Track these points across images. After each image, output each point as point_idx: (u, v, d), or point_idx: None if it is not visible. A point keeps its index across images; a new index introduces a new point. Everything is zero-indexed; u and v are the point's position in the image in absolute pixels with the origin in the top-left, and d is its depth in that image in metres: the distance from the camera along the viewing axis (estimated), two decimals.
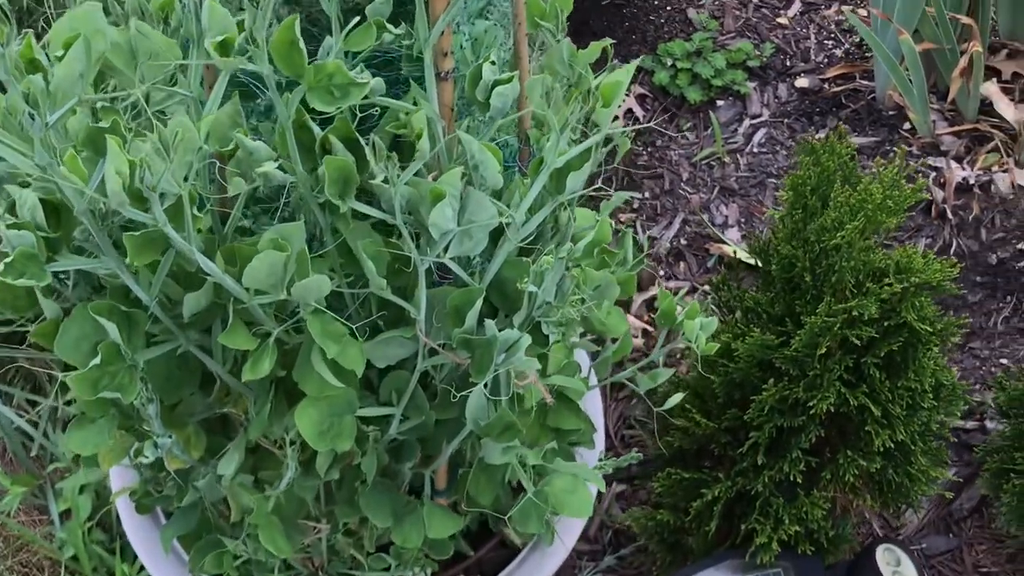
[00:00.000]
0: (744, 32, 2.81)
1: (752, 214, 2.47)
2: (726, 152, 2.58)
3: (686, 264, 2.42)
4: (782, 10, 2.87)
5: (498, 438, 1.16)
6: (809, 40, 2.80)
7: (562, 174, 1.02)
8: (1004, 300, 2.30)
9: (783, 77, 2.72)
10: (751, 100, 2.67)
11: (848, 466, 1.57)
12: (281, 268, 0.93)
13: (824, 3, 2.88)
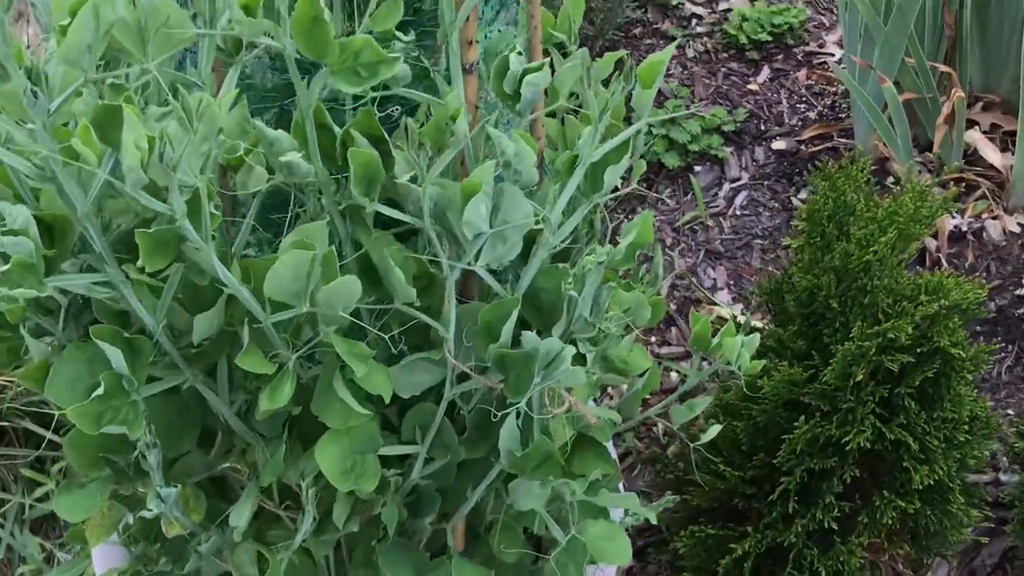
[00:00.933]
0: (716, 99, 2.79)
1: (741, 276, 2.41)
2: (709, 216, 2.53)
3: (677, 329, 2.34)
4: (751, 77, 2.86)
5: (533, 473, 1.06)
6: (781, 104, 2.78)
7: (598, 169, 0.95)
8: (1006, 349, 2.24)
9: (759, 140, 2.70)
10: (729, 164, 2.64)
11: (885, 508, 1.48)
12: (306, 272, 0.84)
13: (792, 68, 2.88)
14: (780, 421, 1.49)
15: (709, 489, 1.64)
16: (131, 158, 0.70)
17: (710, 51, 2.92)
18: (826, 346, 1.43)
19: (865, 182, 1.45)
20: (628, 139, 0.94)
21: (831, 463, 1.46)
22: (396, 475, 1.10)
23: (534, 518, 1.22)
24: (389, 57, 0.80)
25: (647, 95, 0.91)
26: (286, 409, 1.04)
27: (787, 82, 2.84)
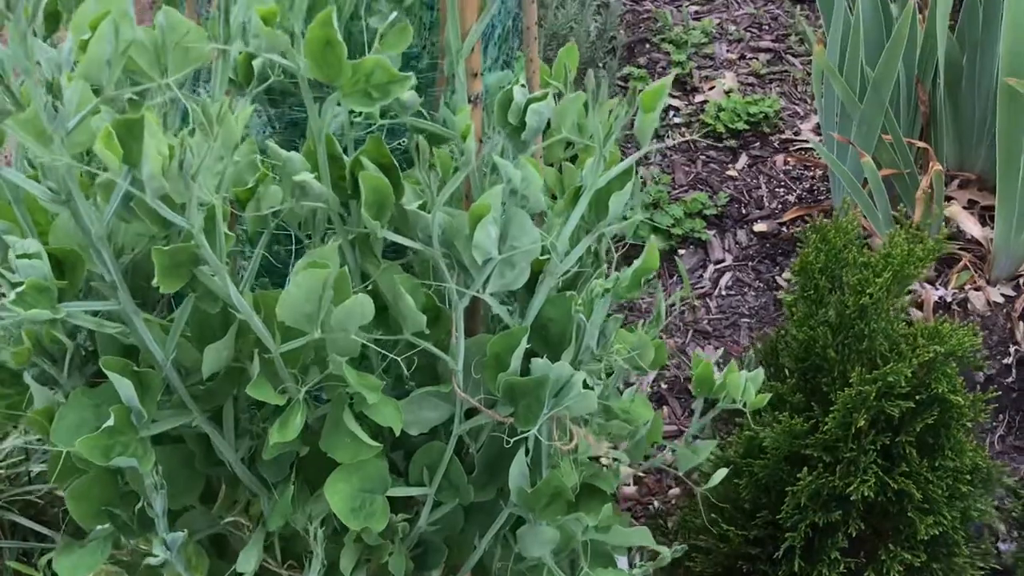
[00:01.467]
0: (696, 185, 2.83)
1: (730, 355, 2.42)
2: (695, 296, 2.55)
3: (670, 408, 2.34)
4: (730, 164, 2.91)
5: (544, 511, 1.05)
6: (761, 189, 2.83)
7: (603, 197, 0.96)
8: (997, 419, 2.24)
9: (741, 223, 2.73)
10: (712, 246, 2.67)
11: (892, 562, 1.46)
12: (319, 294, 0.84)
13: (769, 154, 2.93)
14: (782, 475, 1.48)
15: (713, 553, 1.62)
16: (153, 164, 0.70)
17: (689, 140, 2.97)
18: (825, 395, 1.43)
19: (856, 236, 1.47)
20: (631, 167, 0.95)
21: (835, 517, 1.45)
22: (404, 520, 1.09)
23: (541, 572, 1.21)
24: (401, 76, 0.82)
25: (650, 119, 0.93)
26: (292, 450, 1.03)
27: (765, 167, 2.89)
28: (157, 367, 0.92)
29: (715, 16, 3.46)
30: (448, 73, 0.91)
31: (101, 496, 1.09)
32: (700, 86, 3.16)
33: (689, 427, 1.24)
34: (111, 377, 0.89)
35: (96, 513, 1.09)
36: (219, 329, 0.94)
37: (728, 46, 3.33)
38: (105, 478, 1.09)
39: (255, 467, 1.06)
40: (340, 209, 0.90)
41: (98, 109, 0.75)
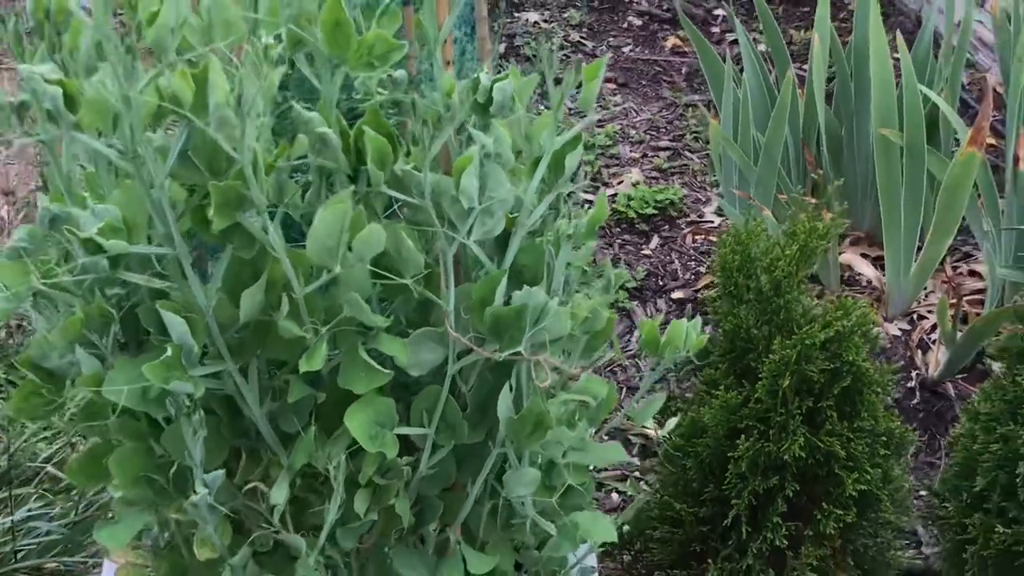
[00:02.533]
0: (616, 264, 3.08)
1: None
2: (625, 358, 2.76)
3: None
4: (644, 244, 3.17)
5: (529, 438, 1.23)
6: (674, 263, 3.08)
7: (559, 158, 1.17)
8: None
9: (659, 293, 2.97)
10: (636, 313, 2.89)
11: (827, 521, 1.65)
12: (339, 228, 1.03)
13: (678, 234, 3.20)
14: (724, 451, 1.67)
15: (669, 541, 1.79)
16: (219, 95, 0.90)
17: (604, 226, 3.23)
18: (754, 372, 1.64)
19: (764, 238, 1.71)
20: (580, 133, 1.17)
21: (773, 482, 1.64)
22: (407, 464, 1.25)
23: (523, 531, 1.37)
24: (398, 44, 1.03)
25: (592, 88, 1.15)
26: (310, 399, 1.20)
27: (676, 245, 3.15)
28: (200, 315, 1.09)
29: (616, 123, 3.77)
30: (426, 60, 1.13)
31: (139, 465, 1.24)
32: (609, 181, 3.44)
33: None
34: (166, 317, 1.06)
35: (135, 479, 1.24)
36: (251, 283, 1.12)
37: (631, 147, 3.63)
38: (142, 449, 1.24)
39: (275, 424, 1.22)
40: (347, 170, 1.10)
41: (161, 72, 0.94)
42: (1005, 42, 2.66)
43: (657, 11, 4.59)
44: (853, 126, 2.77)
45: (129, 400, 1.13)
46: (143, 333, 1.22)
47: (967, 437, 1.97)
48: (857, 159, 2.80)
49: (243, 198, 1.01)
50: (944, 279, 2.70)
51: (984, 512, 1.92)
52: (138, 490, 1.24)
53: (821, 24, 2.60)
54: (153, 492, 1.24)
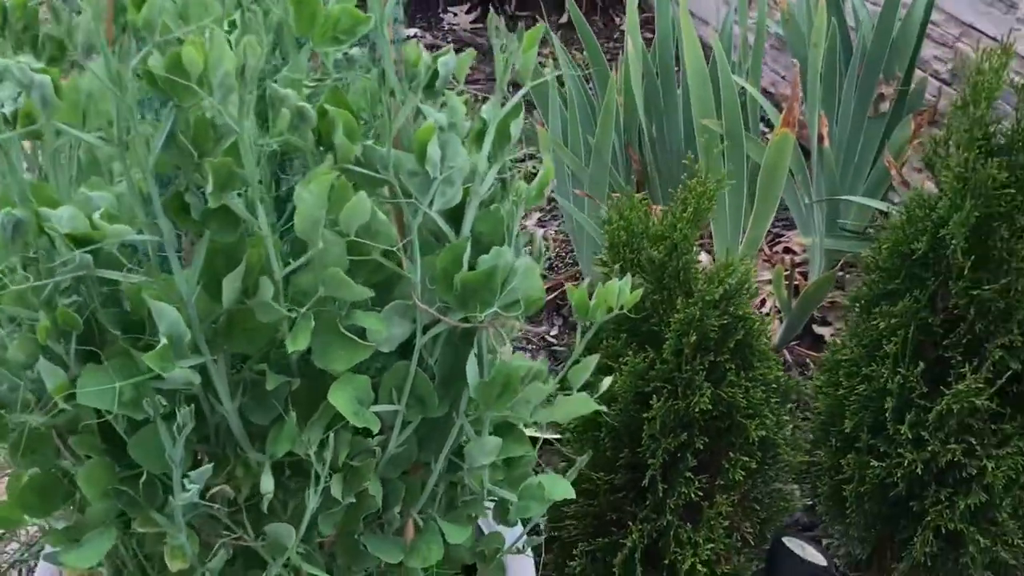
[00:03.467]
0: None
1: None
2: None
3: None
4: None
5: (497, 401, 1.27)
6: None
7: (504, 127, 1.23)
8: None
9: None
10: None
11: (734, 469, 1.76)
12: (325, 200, 1.05)
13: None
14: (634, 416, 1.75)
15: (583, 516, 1.85)
16: (228, 63, 0.91)
17: None
18: (655, 336, 1.73)
19: (644, 213, 1.81)
20: (521, 101, 1.23)
21: (683, 439, 1.73)
22: (379, 443, 1.27)
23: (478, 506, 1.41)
24: (364, 16, 1.06)
25: (530, 57, 1.21)
26: (284, 386, 1.20)
27: None
28: (182, 307, 1.09)
29: None
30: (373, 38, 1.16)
31: (106, 478, 1.21)
32: None
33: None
34: (155, 307, 1.05)
35: (104, 493, 1.21)
36: (225, 272, 1.12)
37: None
38: (106, 463, 1.21)
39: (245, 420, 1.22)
40: (313, 148, 1.12)
41: (151, 52, 0.95)
42: (794, 37, 2.89)
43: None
44: (663, 123, 2.94)
45: (104, 403, 1.11)
46: (98, 341, 1.19)
47: (829, 386, 2.13)
48: (670, 153, 2.97)
49: (232, 176, 1.02)
50: (764, 257, 2.89)
51: (856, 452, 2.08)
52: (107, 503, 1.21)
53: (633, 30, 2.76)
54: (123, 504, 1.22)
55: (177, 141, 0.99)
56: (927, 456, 1.97)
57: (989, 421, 1.97)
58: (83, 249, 1.02)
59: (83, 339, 1.16)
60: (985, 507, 1.99)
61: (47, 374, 1.13)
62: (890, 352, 1.99)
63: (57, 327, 1.13)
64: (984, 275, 1.90)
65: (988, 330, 1.93)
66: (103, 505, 1.20)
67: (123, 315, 1.18)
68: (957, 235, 1.86)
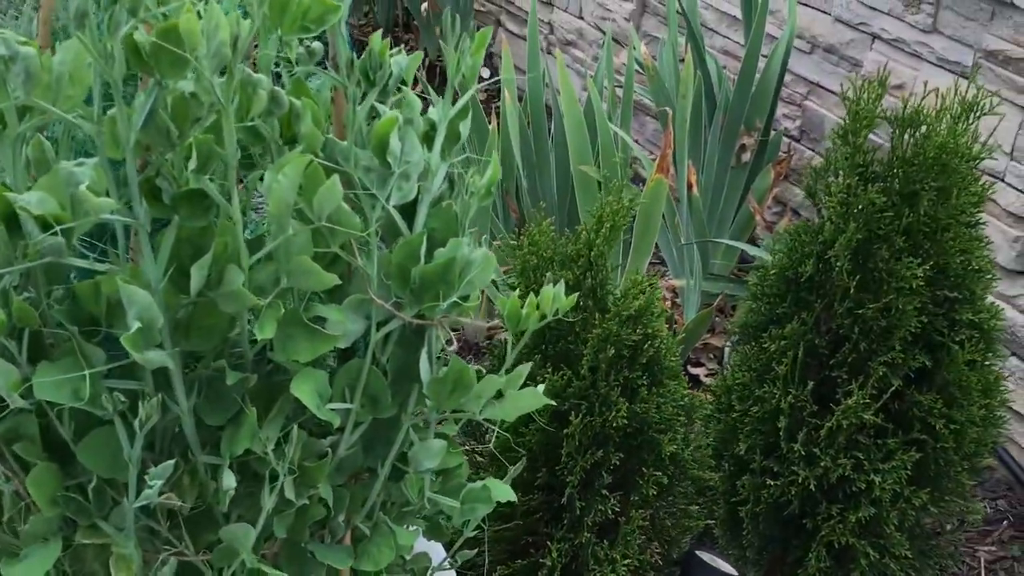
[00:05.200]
0: None
1: None
2: None
3: None
4: None
5: (449, 398, 1.28)
6: None
7: (454, 125, 1.26)
8: None
9: None
10: None
11: (647, 485, 1.80)
12: (298, 184, 1.06)
13: None
14: (551, 436, 1.78)
15: (499, 542, 1.86)
16: (223, 33, 0.92)
17: None
18: (570, 354, 1.77)
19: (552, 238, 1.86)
20: (468, 102, 1.27)
21: (599, 456, 1.77)
22: (331, 443, 1.27)
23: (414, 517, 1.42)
24: (334, 4, 1.08)
25: (477, 60, 1.25)
26: (240, 384, 1.19)
27: None
28: (151, 292, 1.07)
29: None
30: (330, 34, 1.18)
31: (54, 484, 1.17)
32: None
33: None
34: (126, 292, 1.03)
35: (53, 499, 1.16)
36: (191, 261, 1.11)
37: None
38: (52, 469, 1.17)
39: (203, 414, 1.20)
40: (278, 139, 1.13)
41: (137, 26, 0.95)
42: (659, 92, 3.02)
43: None
44: (535, 174, 3.02)
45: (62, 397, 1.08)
46: (45, 342, 1.16)
47: (722, 411, 2.20)
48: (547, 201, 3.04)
49: (210, 157, 1.02)
50: None
51: (750, 473, 2.15)
52: (56, 510, 1.16)
53: (509, 83, 2.84)
54: (71, 512, 1.17)
55: (157, 119, 0.99)
56: (819, 472, 2.06)
57: (875, 437, 2.07)
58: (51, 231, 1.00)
59: (32, 338, 1.13)
60: (873, 520, 2.08)
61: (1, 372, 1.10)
62: (780, 373, 2.08)
63: (11, 322, 1.09)
64: (866, 296, 2.01)
65: (871, 348, 2.03)
66: (51, 513, 1.15)
67: (75, 311, 1.15)
68: (841, 257, 1.98)
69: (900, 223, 1.97)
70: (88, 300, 1.15)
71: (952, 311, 2.05)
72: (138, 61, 0.96)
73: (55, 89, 1.00)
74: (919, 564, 2.15)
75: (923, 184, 1.97)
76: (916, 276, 1.96)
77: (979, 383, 2.07)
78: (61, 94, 1.01)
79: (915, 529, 2.16)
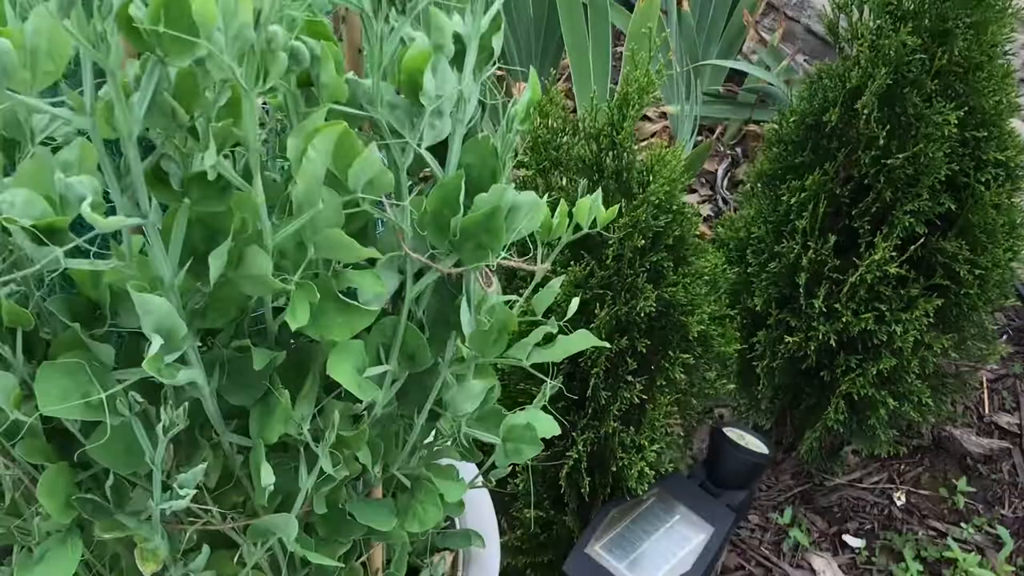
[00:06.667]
0: None
1: None
2: None
3: None
4: None
5: (492, 347, 1.16)
6: None
7: (485, 41, 1.08)
8: None
9: None
10: None
11: (673, 366, 1.70)
12: (330, 155, 0.89)
13: None
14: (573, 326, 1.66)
15: None
16: (245, 13, 0.73)
17: None
18: (592, 240, 1.63)
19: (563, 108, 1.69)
20: (499, 11, 1.08)
21: (624, 343, 1.66)
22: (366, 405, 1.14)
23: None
24: None
25: None
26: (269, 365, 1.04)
27: None
28: (165, 291, 0.91)
29: None
30: None
31: (67, 486, 1.04)
32: None
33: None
34: (140, 300, 0.87)
35: (67, 503, 1.04)
36: (204, 246, 0.95)
37: None
38: (64, 470, 1.04)
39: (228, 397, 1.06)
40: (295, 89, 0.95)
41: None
42: None
43: None
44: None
45: (71, 411, 0.94)
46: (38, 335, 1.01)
47: (731, 263, 2.10)
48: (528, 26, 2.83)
49: (227, 138, 0.85)
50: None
51: (766, 329, 2.06)
52: (71, 514, 1.04)
53: None
54: (89, 513, 1.05)
55: (160, 102, 0.81)
56: (840, 327, 1.98)
57: (897, 286, 1.98)
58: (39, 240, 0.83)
59: (26, 335, 0.98)
60: (894, 371, 2.02)
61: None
62: (800, 227, 1.96)
63: (1, 326, 0.94)
64: (892, 143, 1.88)
65: (896, 197, 1.92)
66: (66, 520, 1.03)
67: (72, 300, 0.99)
68: (870, 105, 1.83)
69: (931, 65, 1.82)
70: (86, 286, 1.00)
71: (978, 150, 1.93)
72: (135, 39, 0.77)
73: (32, 67, 0.81)
74: (934, 403, 2.10)
75: (957, 20, 1.80)
76: (948, 121, 1.82)
77: (1004, 225, 1.97)
78: (39, 72, 0.82)
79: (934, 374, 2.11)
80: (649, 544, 1.68)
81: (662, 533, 1.69)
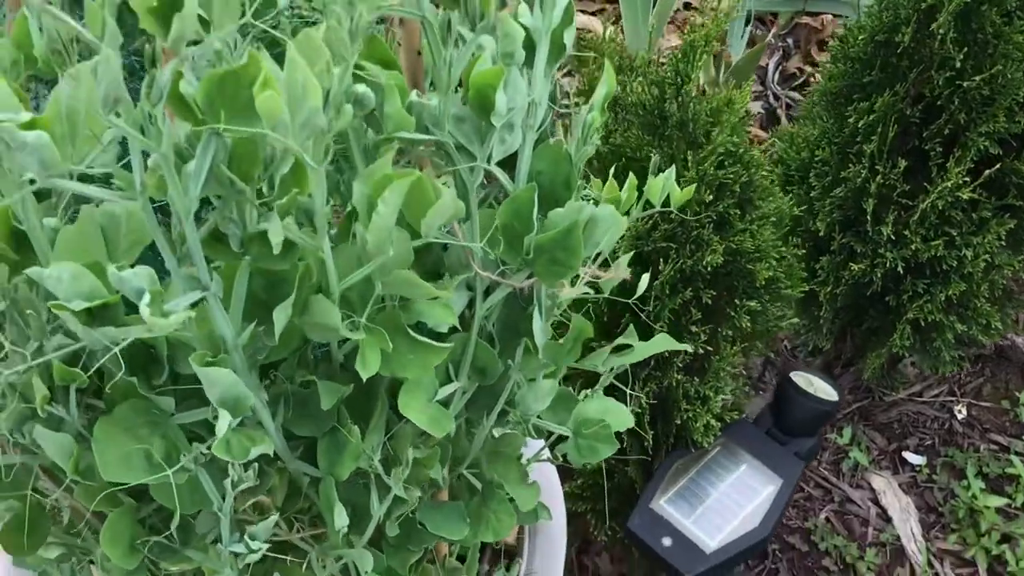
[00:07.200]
0: None
1: None
2: None
3: None
4: None
5: (568, 355, 1.09)
6: None
7: (556, 37, 0.98)
8: None
9: None
10: None
11: (739, 314, 1.63)
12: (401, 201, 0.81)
13: None
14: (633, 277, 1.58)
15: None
16: (313, 97, 0.64)
17: None
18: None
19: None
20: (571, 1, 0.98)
21: (688, 295, 1.58)
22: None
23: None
24: None
25: None
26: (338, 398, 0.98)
27: None
28: (229, 351, 0.85)
29: None
30: None
31: (131, 530, 1.00)
32: None
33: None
34: (205, 375, 0.81)
35: (130, 549, 0.99)
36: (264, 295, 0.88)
37: None
38: (127, 513, 1.00)
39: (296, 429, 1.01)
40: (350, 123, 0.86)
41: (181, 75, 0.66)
42: None
43: None
44: None
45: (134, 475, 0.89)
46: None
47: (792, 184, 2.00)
48: None
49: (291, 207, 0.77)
50: (676, 24, 2.68)
51: (830, 254, 1.98)
52: (135, 559, 1.00)
53: None
54: (155, 555, 1.01)
55: (217, 172, 0.73)
56: (908, 254, 1.89)
57: (968, 210, 1.89)
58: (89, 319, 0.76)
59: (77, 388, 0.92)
60: (963, 295, 1.94)
61: (50, 445, 0.89)
62: (867, 151, 1.86)
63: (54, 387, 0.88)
64: (968, 64, 1.76)
65: (970, 119, 1.81)
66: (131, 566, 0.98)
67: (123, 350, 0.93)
68: (946, 25, 1.70)
69: None
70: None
71: None
72: (186, 113, 0.69)
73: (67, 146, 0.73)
74: (1002, 323, 2.03)
75: None
76: None
77: None
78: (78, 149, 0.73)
79: (1003, 295, 2.03)
80: (716, 497, 1.64)
81: (729, 485, 1.65)
